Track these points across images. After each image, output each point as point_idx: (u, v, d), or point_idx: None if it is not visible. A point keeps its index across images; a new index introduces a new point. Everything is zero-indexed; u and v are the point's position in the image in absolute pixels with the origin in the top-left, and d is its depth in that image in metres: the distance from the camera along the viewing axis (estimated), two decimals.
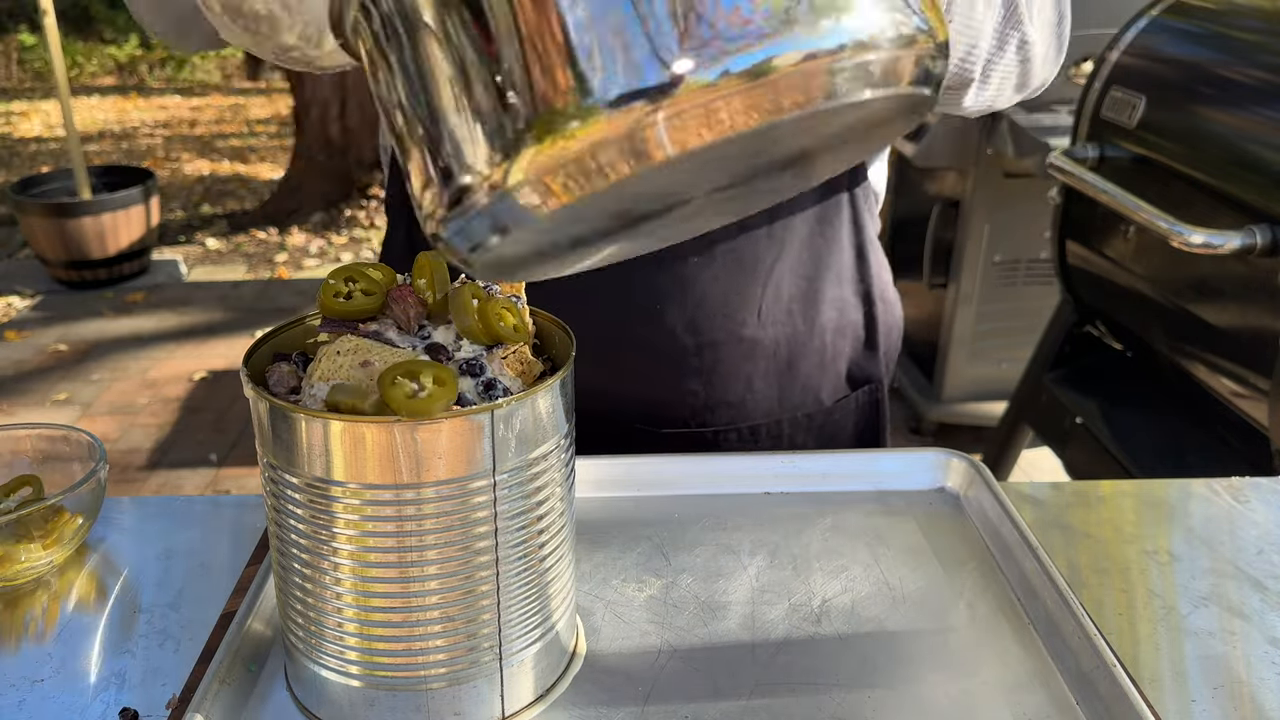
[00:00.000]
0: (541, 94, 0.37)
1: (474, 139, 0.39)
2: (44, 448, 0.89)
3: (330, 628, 0.62)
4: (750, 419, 1.02)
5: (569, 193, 0.39)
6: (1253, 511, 0.91)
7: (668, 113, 0.36)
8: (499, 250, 0.43)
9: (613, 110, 0.36)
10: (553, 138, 0.37)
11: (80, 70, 9.87)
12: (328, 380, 0.59)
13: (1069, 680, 0.69)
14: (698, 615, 0.76)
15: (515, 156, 0.38)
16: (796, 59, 0.35)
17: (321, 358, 0.61)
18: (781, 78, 0.36)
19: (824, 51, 0.36)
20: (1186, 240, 1.64)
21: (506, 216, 0.40)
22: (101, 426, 3.43)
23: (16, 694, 0.70)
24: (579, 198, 0.39)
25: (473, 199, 0.40)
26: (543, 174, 0.38)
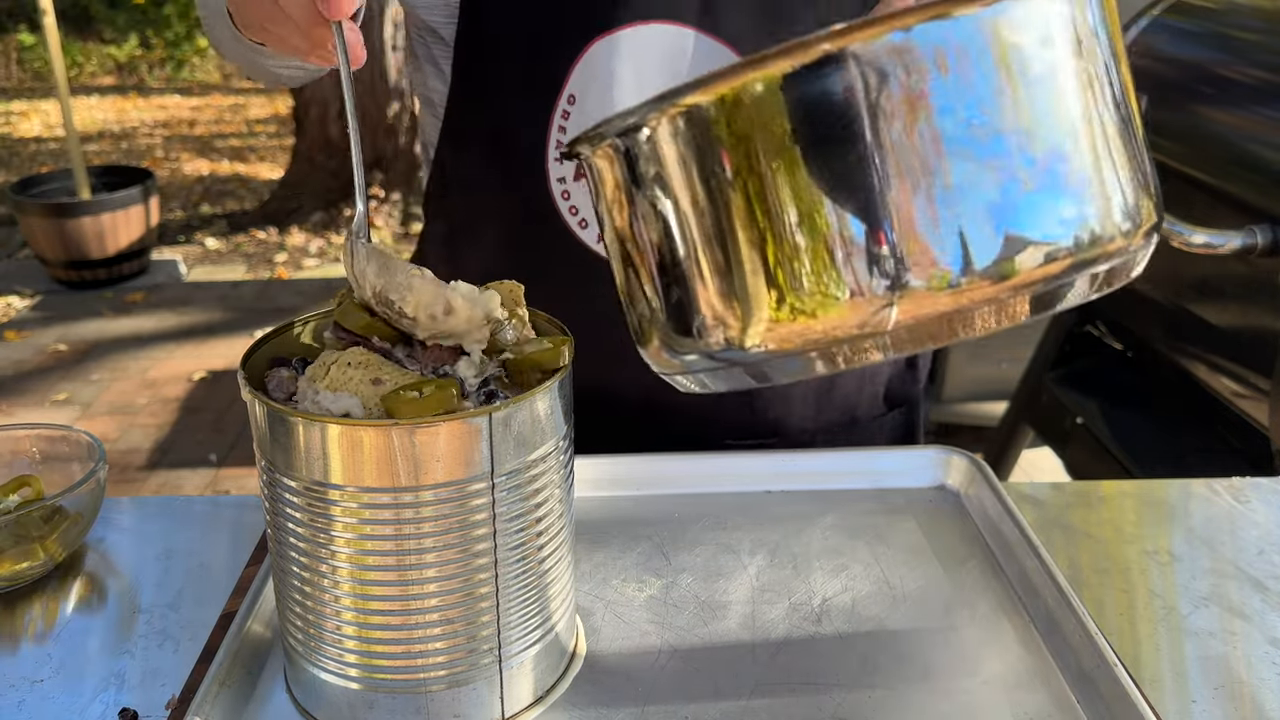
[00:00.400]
0: (803, 282, 0.45)
1: (723, 296, 0.47)
2: (43, 448, 0.89)
3: (329, 631, 0.62)
4: (787, 434, 1.02)
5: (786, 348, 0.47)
6: (1253, 512, 0.91)
7: (899, 308, 0.44)
8: (707, 379, 0.52)
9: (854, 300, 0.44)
10: (802, 316, 0.45)
11: (80, 70, 9.87)
12: (336, 390, 0.59)
13: (1070, 680, 0.69)
14: (698, 615, 0.76)
15: (755, 325, 0.46)
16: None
17: (330, 365, 0.60)
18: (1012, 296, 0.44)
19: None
20: (1187, 240, 1.64)
21: (727, 360, 0.49)
22: (101, 427, 3.42)
23: (16, 694, 0.70)
24: (792, 352, 0.47)
25: (707, 341, 0.49)
26: (773, 340, 0.46)
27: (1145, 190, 0.46)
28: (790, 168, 0.44)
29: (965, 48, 0.42)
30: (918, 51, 0.42)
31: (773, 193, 0.44)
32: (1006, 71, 0.43)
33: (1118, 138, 0.45)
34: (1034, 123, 0.43)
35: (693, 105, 0.45)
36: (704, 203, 0.46)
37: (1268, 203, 1.61)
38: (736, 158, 0.45)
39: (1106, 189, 0.44)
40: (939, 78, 0.42)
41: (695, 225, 0.47)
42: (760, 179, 0.45)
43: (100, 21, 9.73)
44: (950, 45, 0.42)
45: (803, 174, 0.44)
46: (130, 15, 9.42)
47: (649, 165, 0.48)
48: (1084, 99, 0.44)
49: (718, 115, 0.45)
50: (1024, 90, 0.43)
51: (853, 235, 0.43)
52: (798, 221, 0.44)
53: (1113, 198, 0.44)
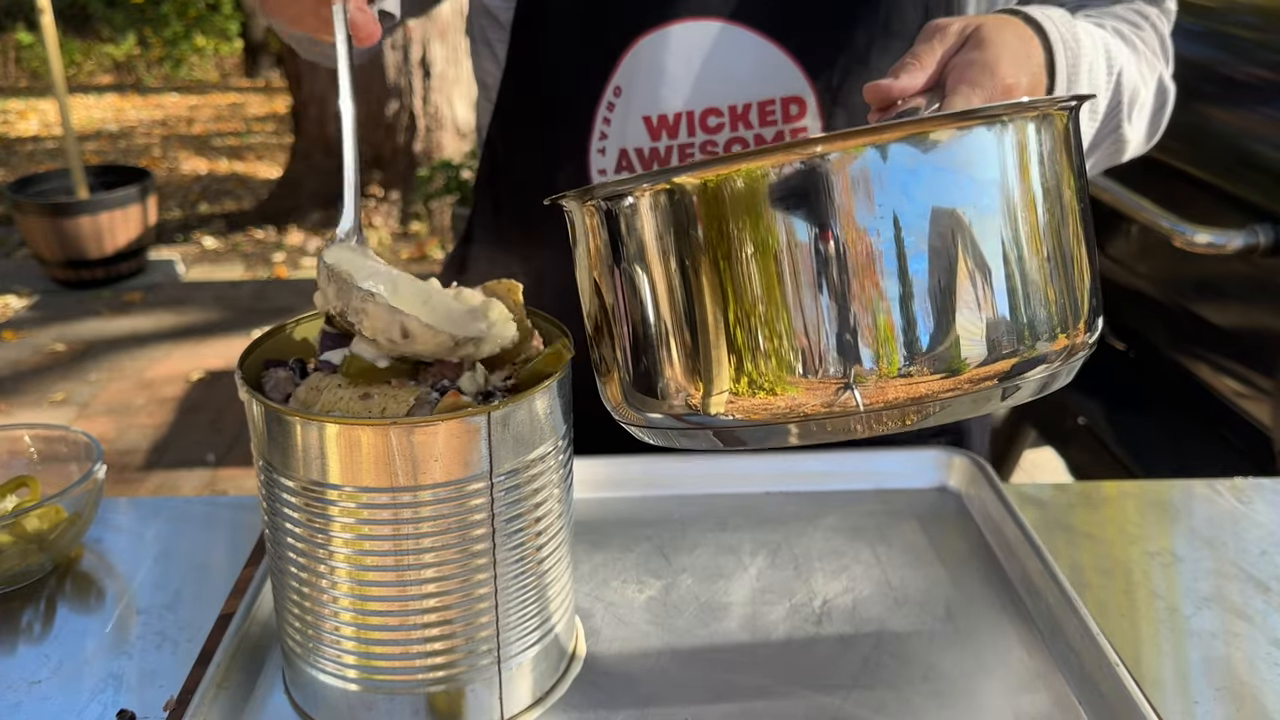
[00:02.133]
0: (760, 363, 0.49)
1: (687, 365, 0.50)
2: (41, 448, 0.88)
3: (327, 631, 0.62)
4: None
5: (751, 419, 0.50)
6: (1256, 512, 0.91)
7: (861, 392, 0.48)
8: (676, 436, 0.54)
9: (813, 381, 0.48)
10: (761, 392, 0.49)
11: (78, 69, 9.86)
12: (328, 411, 0.59)
13: (1072, 681, 0.69)
14: (698, 616, 0.76)
15: (717, 395, 0.50)
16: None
17: (321, 389, 0.60)
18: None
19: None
20: (1189, 240, 1.64)
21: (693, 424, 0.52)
22: (99, 427, 3.42)
23: (14, 695, 0.69)
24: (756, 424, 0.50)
25: (670, 405, 0.52)
26: (737, 412, 0.50)
27: (1078, 309, 0.51)
28: (757, 256, 0.48)
29: (930, 168, 0.47)
30: (887, 168, 0.47)
31: (739, 276, 0.48)
32: (961, 194, 0.47)
33: (1066, 258, 0.50)
34: (982, 239, 0.48)
35: (677, 185, 0.49)
36: (674, 276, 0.50)
37: (1270, 202, 1.61)
38: (709, 239, 0.49)
39: (1045, 306, 0.49)
40: (900, 194, 0.47)
41: (664, 295, 0.51)
42: (729, 262, 0.48)
43: (98, 20, 9.73)
44: (915, 166, 0.47)
45: (768, 264, 0.48)
46: (128, 14, 9.41)
47: (628, 231, 0.51)
48: (1029, 225, 0.49)
49: (698, 198, 0.48)
50: (974, 210, 0.48)
51: (810, 324, 0.47)
52: (760, 305, 0.48)
53: (1050, 313, 0.49)
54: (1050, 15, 0.76)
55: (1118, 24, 0.88)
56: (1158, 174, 1.87)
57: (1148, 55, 0.88)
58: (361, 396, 0.59)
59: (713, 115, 0.89)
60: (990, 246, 0.47)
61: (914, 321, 0.47)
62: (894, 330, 0.47)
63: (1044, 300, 0.49)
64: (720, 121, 0.89)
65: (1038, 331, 0.49)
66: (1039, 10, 0.76)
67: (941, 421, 0.50)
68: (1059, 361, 0.50)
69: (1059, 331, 0.49)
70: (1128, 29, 0.88)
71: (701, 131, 0.89)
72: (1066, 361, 0.51)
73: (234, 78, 10.00)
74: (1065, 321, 0.50)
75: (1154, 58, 0.89)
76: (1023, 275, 0.48)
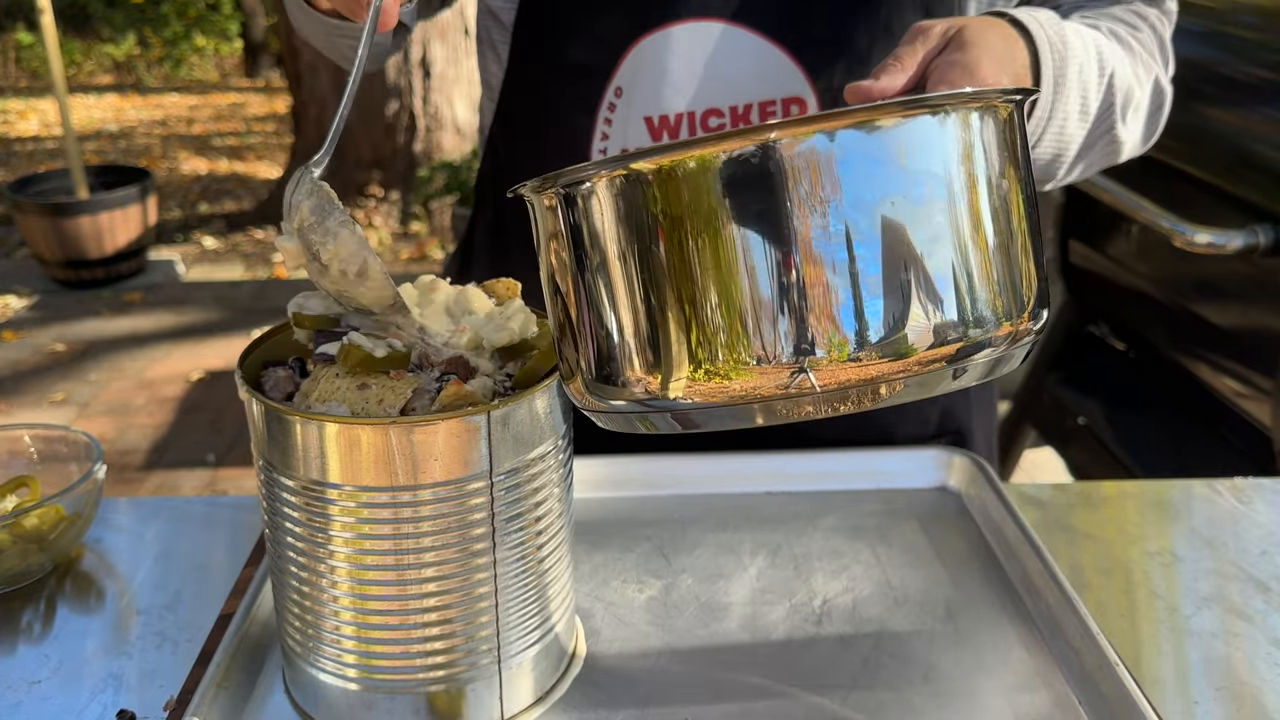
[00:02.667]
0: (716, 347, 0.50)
1: (643, 351, 0.51)
2: (41, 448, 0.88)
3: (327, 631, 0.62)
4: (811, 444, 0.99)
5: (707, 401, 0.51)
6: (1256, 512, 0.91)
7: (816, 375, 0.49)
8: (637, 420, 0.55)
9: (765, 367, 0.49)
10: (716, 376, 0.50)
11: (78, 69, 9.86)
12: (325, 401, 0.59)
13: (1072, 680, 0.69)
14: (698, 616, 0.76)
15: (676, 379, 0.51)
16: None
17: (320, 378, 0.60)
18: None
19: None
20: (1190, 240, 1.64)
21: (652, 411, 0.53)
22: (99, 426, 3.42)
23: (14, 695, 0.69)
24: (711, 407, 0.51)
25: (630, 391, 0.53)
26: (694, 395, 0.51)
27: (1023, 295, 0.52)
28: (709, 242, 0.49)
29: (877, 155, 0.48)
30: (836, 153, 0.48)
31: (692, 262, 0.49)
32: (909, 179, 0.49)
33: (1011, 246, 0.52)
34: (929, 226, 0.49)
35: (634, 171, 0.50)
36: (631, 262, 0.51)
37: (1270, 202, 1.61)
38: (665, 224, 0.49)
39: (989, 292, 0.51)
40: (850, 179, 0.48)
41: (621, 282, 0.51)
42: (682, 248, 0.49)
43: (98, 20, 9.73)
44: (864, 151, 0.48)
45: (720, 249, 0.49)
46: (128, 14, 9.42)
47: (586, 218, 0.52)
48: (975, 208, 0.50)
49: (655, 183, 0.49)
50: (921, 197, 0.49)
51: (763, 310, 0.49)
52: (715, 290, 0.49)
53: (994, 299, 0.51)
54: (1037, 17, 0.76)
55: (1114, 25, 0.88)
56: (1158, 174, 1.87)
57: (1144, 56, 0.88)
58: (359, 386, 0.59)
59: (714, 116, 0.89)
60: (935, 233, 0.49)
61: (862, 306, 0.48)
62: (842, 315, 0.48)
63: (987, 286, 0.50)
64: (721, 122, 0.89)
65: (982, 317, 0.50)
66: (1026, 12, 0.76)
67: (896, 402, 0.51)
68: (1004, 346, 0.51)
69: (1003, 318, 0.51)
70: (1124, 30, 0.88)
71: (703, 132, 0.90)
72: (1011, 346, 0.52)
73: (234, 78, 10.00)
74: (1009, 307, 0.51)
75: (1150, 59, 0.88)
76: (967, 261, 0.49)
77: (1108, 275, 2.13)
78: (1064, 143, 0.81)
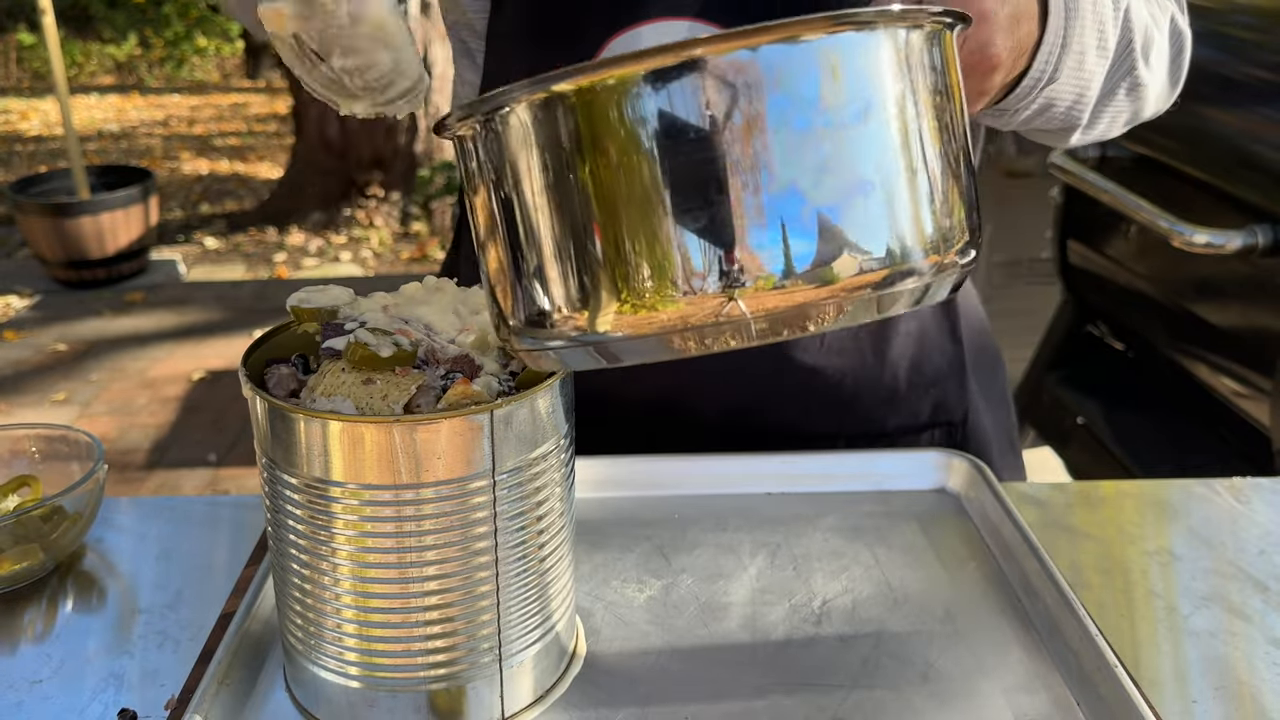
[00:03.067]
0: (641, 276, 0.48)
1: (571, 285, 0.49)
2: (43, 448, 0.88)
3: (329, 629, 0.62)
4: (809, 443, 0.98)
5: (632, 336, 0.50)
6: (1254, 512, 0.91)
7: (744, 303, 0.47)
8: (560, 360, 0.53)
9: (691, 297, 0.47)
10: (644, 310, 0.48)
11: (79, 69, 9.87)
12: (330, 395, 0.59)
13: (1070, 681, 0.69)
14: (698, 616, 0.76)
15: (604, 313, 0.49)
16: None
17: (325, 373, 0.61)
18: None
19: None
20: (1188, 240, 1.64)
21: (579, 346, 0.51)
22: (100, 426, 3.42)
23: (15, 695, 0.69)
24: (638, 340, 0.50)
25: (558, 329, 0.50)
26: (622, 328, 0.49)
27: (951, 226, 0.50)
28: (633, 164, 0.47)
29: (802, 72, 0.46)
30: (761, 70, 0.46)
31: (615, 186, 0.47)
32: (836, 100, 0.47)
33: (937, 176, 0.50)
34: (856, 150, 0.47)
35: (555, 92, 0.47)
36: (553, 189, 0.49)
37: (1269, 202, 1.61)
38: (585, 148, 0.47)
39: (915, 219, 0.49)
40: (776, 98, 0.46)
41: (544, 210, 0.49)
42: (605, 172, 0.47)
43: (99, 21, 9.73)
44: (790, 68, 0.46)
45: (644, 172, 0.47)
46: (129, 15, 9.42)
47: (506, 145, 0.50)
48: (902, 134, 0.48)
49: (574, 104, 0.47)
50: (847, 119, 0.47)
51: (687, 235, 0.47)
52: (638, 218, 0.47)
53: (920, 227, 0.49)
54: None
55: None
56: (1157, 174, 1.87)
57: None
58: (364, 381, 0.60)
59: None
60: (860, 157, 0.47)
61: (786, 231, 0.46)
62: (767, 240, 0.46)
63: (911, 214, 0.49)
64: None
65: (906, 245, 0.48)
66: None
67: (827, 329, 0.50)
68: (929, 275, 0.50)
69: (929, 248, 0.49)
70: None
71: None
72: (937, 276, 0.50)
73: (235, 78, 10.01)
74: (935, 237, 0.50)
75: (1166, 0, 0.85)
76: (892, 187, 0.48)
77: (1107, 275, 2.13)
78: (1084, 81, 0.77)
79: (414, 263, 5.17)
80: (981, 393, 1.05)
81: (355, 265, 5.17)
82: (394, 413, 0.59)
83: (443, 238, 5.39)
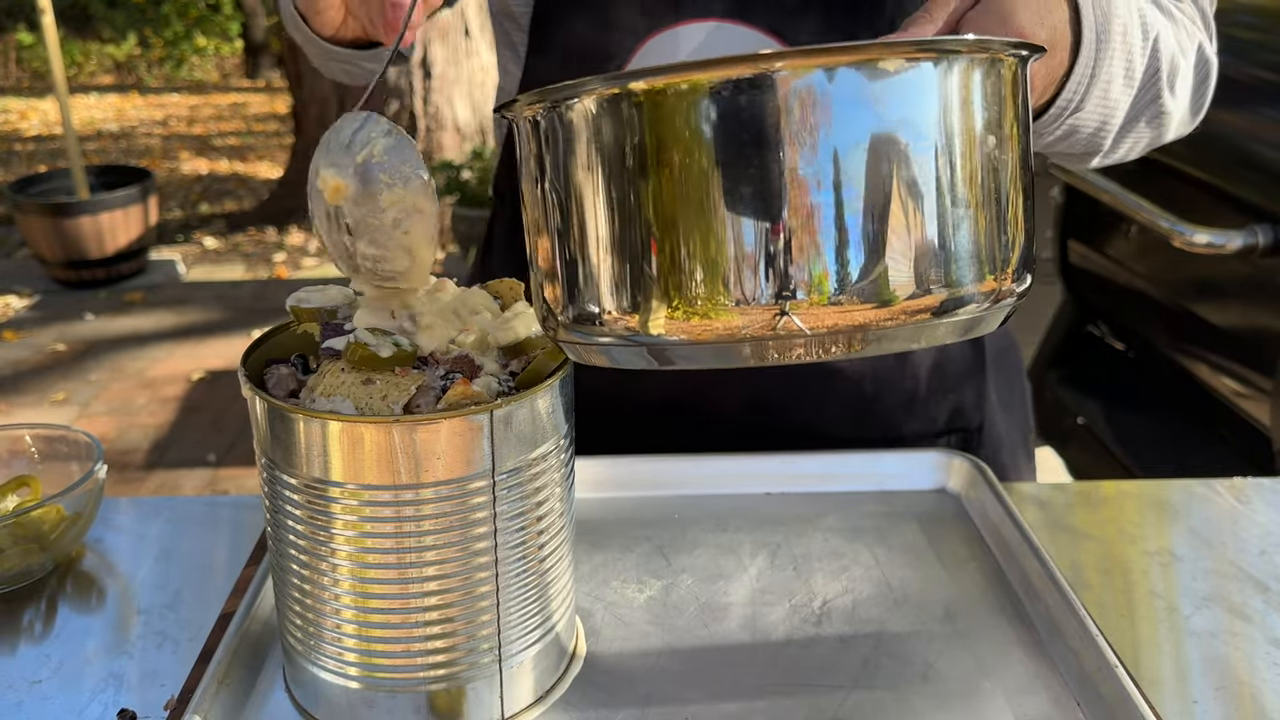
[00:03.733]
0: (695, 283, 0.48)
1: (624, 285, 0.50)
2: (42, 448, 0.88)
3: (329, 629, 0.62)
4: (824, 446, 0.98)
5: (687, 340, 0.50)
6: (1255, 512, 0.91)
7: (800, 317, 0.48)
8: (617, 353, 0.53)
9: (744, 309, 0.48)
10: (696, 316, 0.48)
11: (79, 69, 9.87)
12: (329, 395, 0.59)
13: (1071, 681, 0.69)
14: (698, 616, 0.76)
15: (655, 316, 0.49)
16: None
17: (325, 373, 0.61)
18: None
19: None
20: (1189, 240, 1.64)
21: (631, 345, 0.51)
22: (99, 426, 3.42)
23: (15, 695, 0.69)
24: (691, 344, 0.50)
25: (608, 328, 0.51)
26: (675, 333, 0.49)
27: (1003, 259, 0.51)
28: (694, 170, 0.47)
29: (876, 97, 0.47)
30: (835, 90, 0.46)
31: (675, 190, 0.47)
32: (906, 125, 0.47)
33: (1003, 206, 0.50)
34: (921, 176, 0.47)
35: (628, 89, 0.48)
36: (612, 187, 0.49)
37: (1269, 202, 1.61)
38: (649, 148, 0.48)
39: (978, 247, 0.49)
40: (845, 119, 0.46)
41: (603, 206, 0.49)
42: (665, 175, 0.47)
43: (99, 21, 9.73)
44: (863, 91, 0.46)
45: (705, 178, 0.47)
46: (129, 14, 9.42)
47: (570, 135, 0.50)
48: (968, 163, 0.49)
49: (643, 103, 0.47)
50: (917, 145, 0.47)
51: (744, 246, 0.47)
52: (696, 224, 0.47)
53: (982, 255, 0.50)
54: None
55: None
56: (1158, 174, 1.87)
57: (1186, 25, 0.85)
58: (364, 381, 0.60)
59: None
60: (925, 182, 0.47)
61: (845, 249, 0.47)
62: (824, 257, 0.47)
63: (973, 242, 0.49)
64: None
65: (965, 272, 0.49)
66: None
67: (881, 351, 0.50)
68: (986, 303, 0.50)
69: (986, 273, 0.50)
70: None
71: None
72: (993, 305, 0.51)
73: (235, 78, 10.01)
74: (994, 264, 0.50)
75: (1193, 28, 0.85)
76: (955, 215, 0.48)
77: (1107, 275, 2.13)
78: (1109, 109, 0.78)
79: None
80: (1000, 399, 1.05)
81: None
82: (394, 413, 0.59)
83: (442, 237, 5.39)
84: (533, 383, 0.62)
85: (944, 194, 0.48)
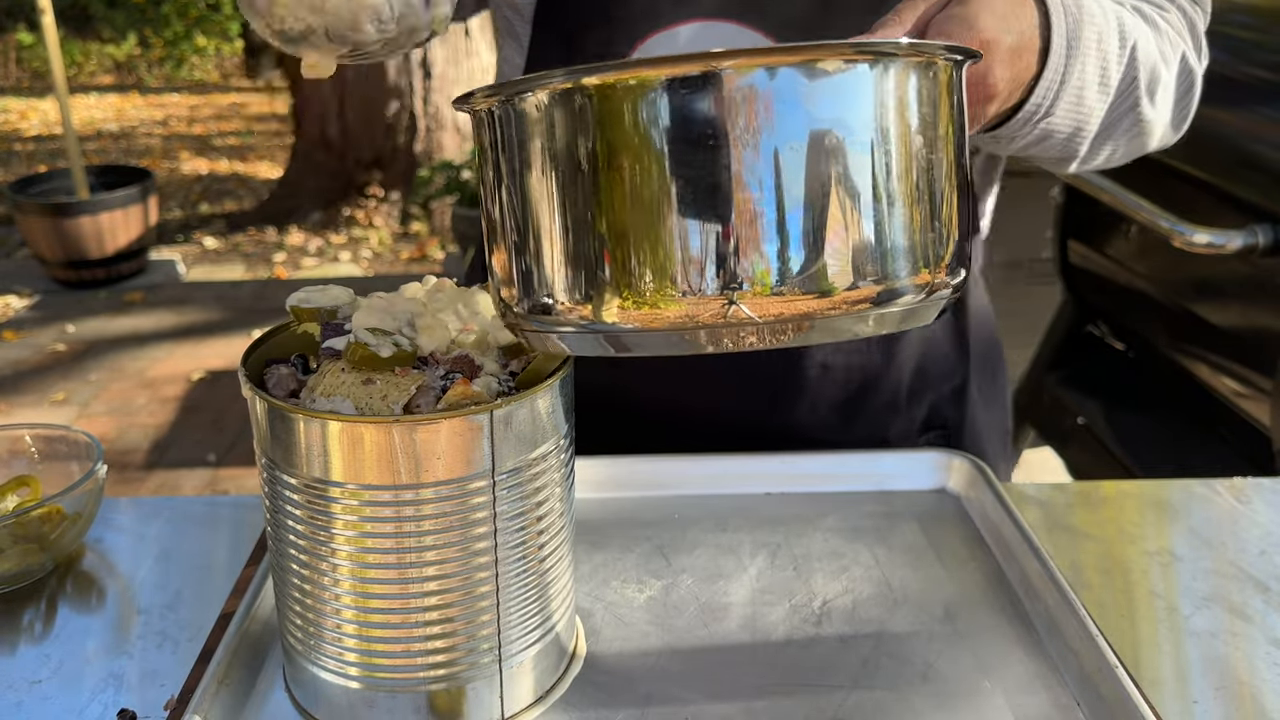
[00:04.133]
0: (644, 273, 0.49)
1: (573, 276, 0.51)
2: (42, 448, 0.88)
3: (329, 629, 0.62)
4: (812, 446, 0.98)
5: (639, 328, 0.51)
6: (1255, 512, 0.91)
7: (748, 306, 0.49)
8: (561, 345, 0.54)
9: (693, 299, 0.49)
10: (646, 306, 0.49)
11: (79, 69, 9.87)
12: (329, 395, 0.59)
13: (1071, 681, 0.69)
14: (698, 616, 0.76)
15: (607, 306, 0.50)
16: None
17: (325, 373, 0.61)
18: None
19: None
20: (1189, 240, 1.64)
21: (586, 333, 0.52)
22: (99, 426, 3.42)
23: (15, 695, 0.69)
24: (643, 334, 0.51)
25: (562, 317, 0.52)
26: (629, 322, 0.50)
27: (936, 253, 0.53)
28: (640, 164, 0.48)
29: (816, 96, 0.48)
30: (776, 89, 0.47)
31: (621, 183, 0.49)
32: (844, 124, 0.49)
33: (935, 203, 0.52)
34: (857, 173, 0.49)
35: (576, 85, 0.49)
36: (563, 181, 0.50)
37: (1269, 202, 1.61)
38: (601, 144, 0.49)
39: (912, 241, 0.51)
40: (787, 117, 0.48)
41: (552, 197, 0.51)
42: (612, 168, 0.49)
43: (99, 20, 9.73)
44: (804, 91, 0.48)
45: (650, 172, 0.48)
46: (129, 14, 9.42)
47: (521, 127, 0.51)
48: (904, 161, 0.51)
49: (593, 98, 0.49)
50: (854, 143, 0.49)
51: (689, 238, 0.48)
52: (642, 216, 0.49)
53: (917, 249, 0.51)
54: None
55: (1138, 2, 0.85)
56: (1157, 174, 1.87)
57: (1171, 35, 0.84)
58: (364, 382, 0.60)
59: None
60: (862, 179, 0.49)
61: (786, 242, 0.48)
62: (765, 249, 0.48)
63: (907, 236, 0.51)
64: None
65: (899, 264, 0.51)
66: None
67: (833, 339, 0.52)
68: (922, 295, 0.52)
69: (921, 266, 0.52)
70: (1150, 8, 0.85)
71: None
72: (929, 298, 0.53)
73: (235, 78, 10.01)
74: (928, 259, 0.52)
75: (1178, 39, 0.85)
76: (891, 211, 0.50)
77: (1107, 275, 2.13)
78: (1083, 115, 0.78)
79: (413, 263, 5.17)
80: (981, 396, 1.05)
81: (355, 265, 5.17)
82: (394, 413, 0.59)
83: (442, 237, 5.39)
84: (533, 383, 0.62)
85: (879, 191, 0.50)
